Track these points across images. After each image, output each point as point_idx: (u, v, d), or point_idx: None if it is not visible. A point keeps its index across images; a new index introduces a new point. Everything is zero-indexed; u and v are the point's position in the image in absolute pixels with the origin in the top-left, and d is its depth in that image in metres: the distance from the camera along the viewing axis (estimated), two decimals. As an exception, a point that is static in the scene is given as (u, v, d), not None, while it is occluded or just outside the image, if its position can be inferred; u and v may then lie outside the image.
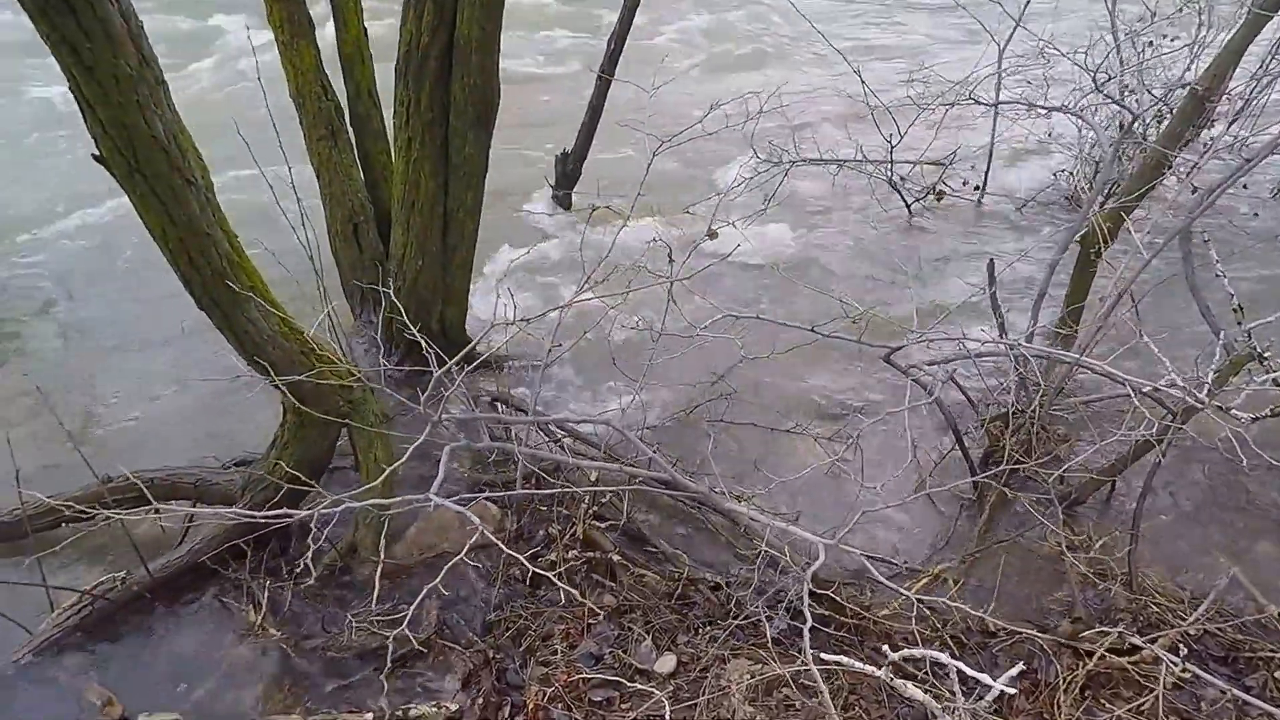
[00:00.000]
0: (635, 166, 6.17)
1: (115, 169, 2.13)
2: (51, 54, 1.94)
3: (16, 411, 3.80)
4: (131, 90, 1.99)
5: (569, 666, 2.70)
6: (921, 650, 2.05)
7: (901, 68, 5.75)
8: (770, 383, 3.91)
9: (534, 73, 8.19)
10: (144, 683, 2.68)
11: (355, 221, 4.14)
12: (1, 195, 5.81)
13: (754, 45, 9.28)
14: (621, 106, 5.11)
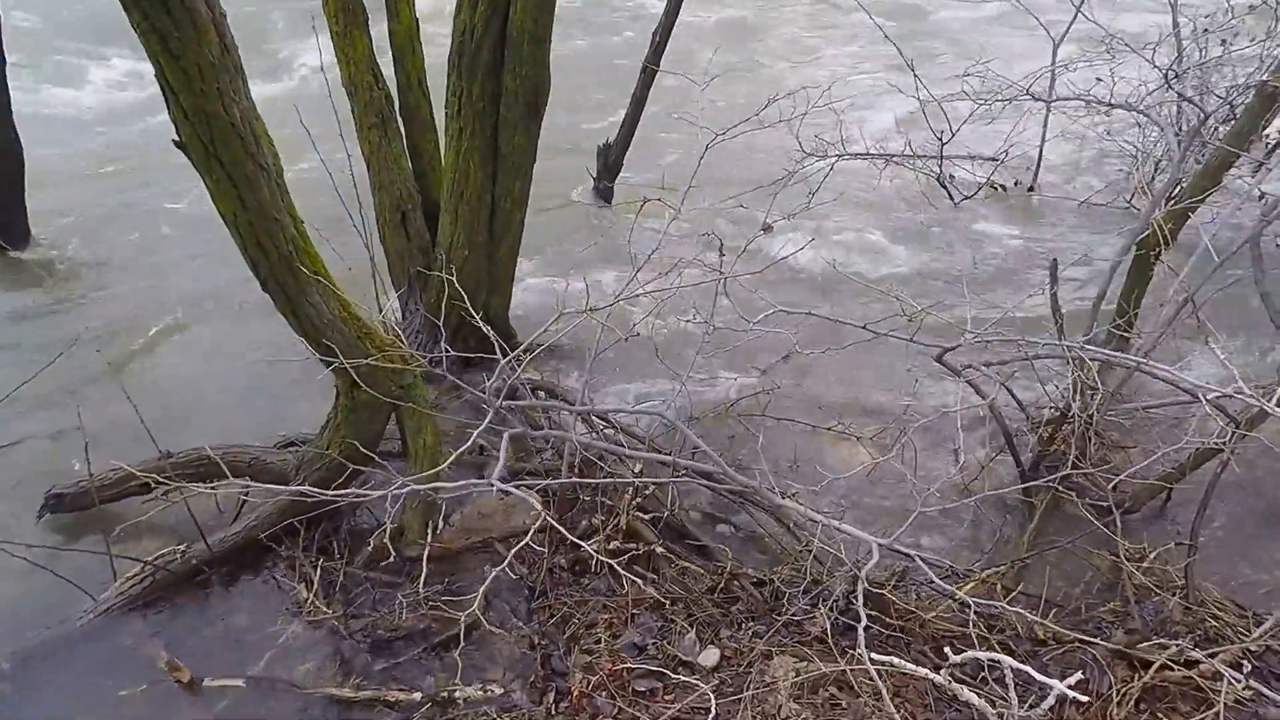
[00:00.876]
0: (676, 158, 6.20)
1: (193, 154, 2.19)
2: (140, 42, 1.99)
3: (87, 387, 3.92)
4: (213, 78, 2.04)
5: (613, 655, 2.73)
6: (987, 654, 2.02)
7: (956, 63, 5.64)
8: (813, 380, 3.89)
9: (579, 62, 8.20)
10: (203, 653, 2.76)
11: (403, 210, 4.18)
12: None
13: (804, 36, 9.18)
14: (666, 98, 5.10)
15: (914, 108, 5.28)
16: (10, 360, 4.05)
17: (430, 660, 2.75)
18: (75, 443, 3.42)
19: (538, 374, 3.97)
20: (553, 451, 3.56)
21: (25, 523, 3.15)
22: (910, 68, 4.80)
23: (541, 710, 2.58)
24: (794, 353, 2.85)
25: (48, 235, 5.01)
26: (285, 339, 4.06)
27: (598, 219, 5.38)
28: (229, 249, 2.53)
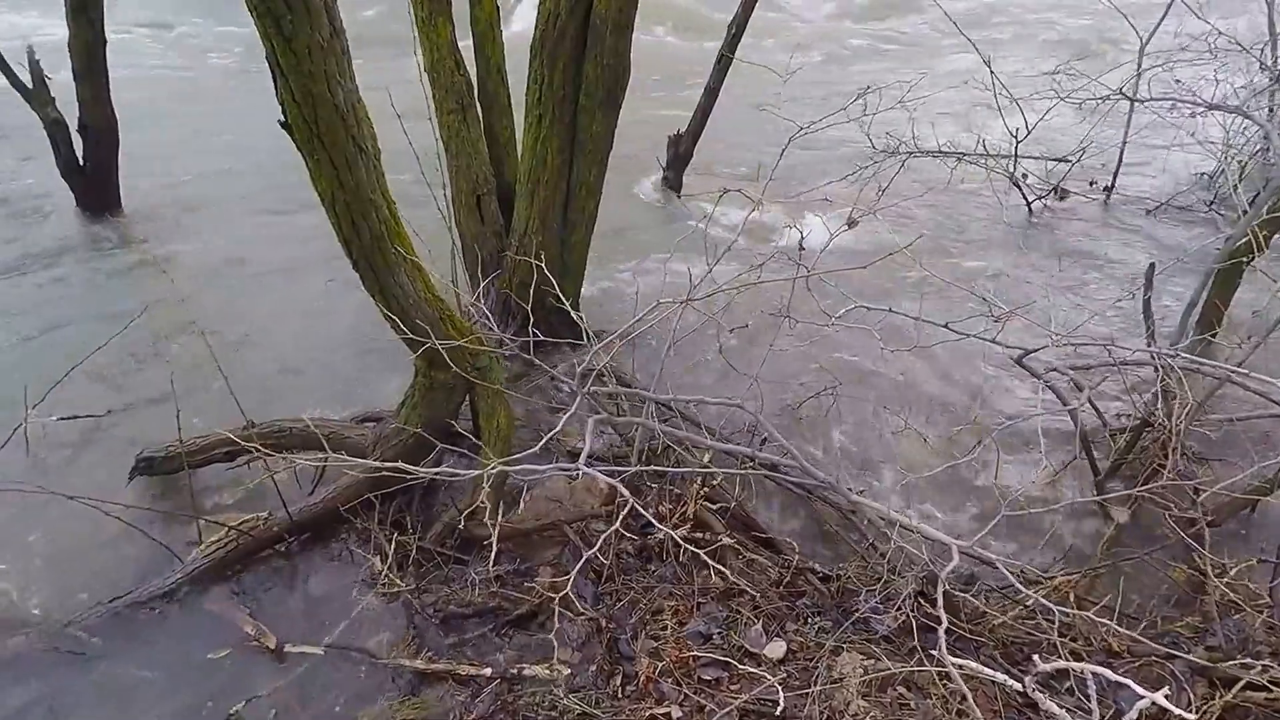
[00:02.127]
0: (747, 151, 6.18)
1: (298, 134, 2.25)
2: (255, 24, 2.05)
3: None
4: (322, 60, 2.10)
5: (678, 643, 2.75)
6: (1080, 665, 1.98)
7: (1036, 60, 5.49)
8: (883, 377, 3.85)
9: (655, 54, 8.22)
10: (282, 619, 2.86)
11: (479, 194, 4.24)
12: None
13: (882, 31, 9.03)
14: (741, 89, 5.07)
15: (989, 105, 5.16)
16: (101, 327, 4.22)
17: (499, 637, 2.81)
18: (162, 408, 3.58)
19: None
20: (621, 439, 3.60)
21: (114, 487, 3.29)
22: (987, 64, 4.69)
23: (608, 692, 2.62)
24: (881, 350, 2.81)
25: (137, 204, 5.21)
26: (365, 316, 4.18)
27: (667, 208, 5.38)
28: (309, 226, 2.60)
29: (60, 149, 4.76)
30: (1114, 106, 5.01)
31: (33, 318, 4.35)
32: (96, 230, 4.99)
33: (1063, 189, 5.56)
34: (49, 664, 2.69)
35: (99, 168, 4.90)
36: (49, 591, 2.98)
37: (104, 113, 4.76)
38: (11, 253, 4.84)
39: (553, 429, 3.46)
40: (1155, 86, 4.72)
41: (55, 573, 3.04)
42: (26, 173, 5.69)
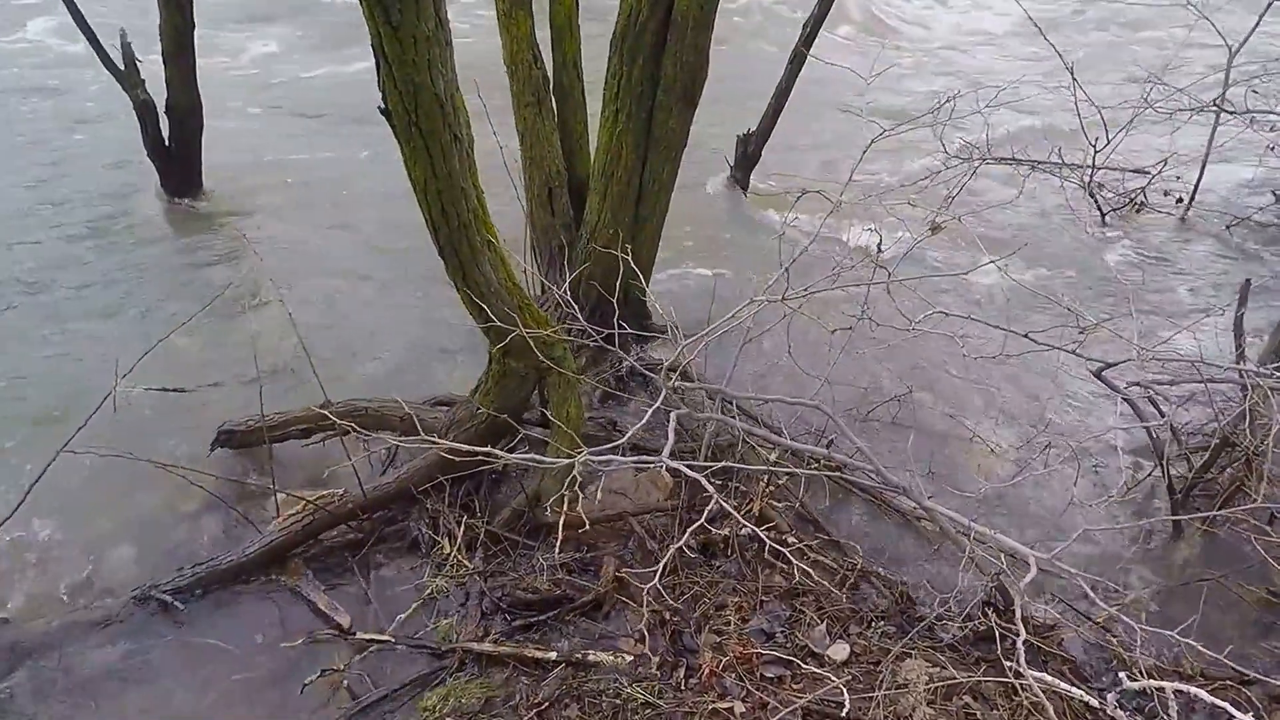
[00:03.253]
0: (815, 152, 6.14)
1: (396, 122, 2.31)
2: (363, 12, 2.11)
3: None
4: (426, 50, 2.15)
5: (742, 639, 2.76)
6: (1169, 684, 1.94)
7: (1121, 68, 5.34)
8: (953, 385, 3.80)
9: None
10: (352, 595, 2.95)
11: (551, 186, 4.30)
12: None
13: (962, 33, 8.89)
14: (812, 90, 5.04)
15: (1069, 112, 5.04)
16: (180, 305, 4.38)
17: (564, 624, 2.85)
18: (241, 384, 3.71)
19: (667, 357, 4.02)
20: (681, 433, 3.62)
21: (194, 459, 3.41)
22: (1070, 71, 4.59)
23: (671, 684, 2.64)
24: (961, 357, 2.78)
25: (219, 187, 5.39)
26: (441, 303, 4.27)
27: (733, 208, 5.38)
28: (387, 211, 2.65)
29: (148, 129, 4.94)
30: (1196, 118, 4.87)
31: (117, 292, 4.53)
32: (178, 210, 5.17)
33: (1139, 201, 5.40)
34: (137, 625, 2.81)
35: (183, 148, 5.08)
36: (134, 554, 3.11)
37: (189, 95, 4.93)
38: (98, 230, 5.04)
39: (615, 420, 3.52)
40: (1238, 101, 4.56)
41: (139, 537, 3.17)
42: (112, 153, 5.92)
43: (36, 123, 6.58)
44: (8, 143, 6.13)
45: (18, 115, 6.69)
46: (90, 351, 4.03)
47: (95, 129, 6.41)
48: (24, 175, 5.69)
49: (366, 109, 6.30)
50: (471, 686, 2.60)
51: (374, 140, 6.24)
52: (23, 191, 5.47)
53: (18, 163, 5.85)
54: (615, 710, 2.55)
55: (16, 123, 6.57)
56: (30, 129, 6.45)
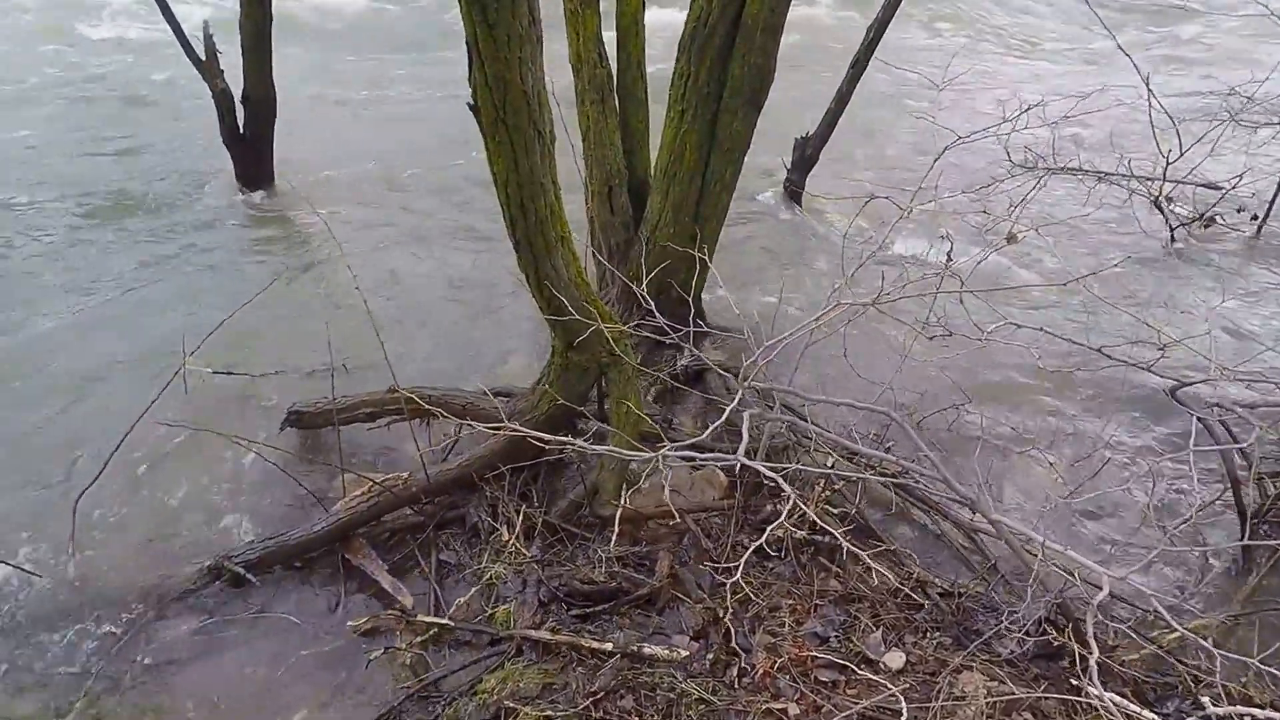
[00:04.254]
0: (874, 157, 6.10)
1: (484, 117, 2.37)
2: (460, 9, 2.17)
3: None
4: (518, 47, 2.20)
5: (796, 641, 2.77)
6: (1258, 711, 1.91)
7: (1198, 78, 5.22)
8: (1013, 397, 3.75)
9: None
10: (414, 579, 3.02)
11: (611, 184, 4.34)
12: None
13: (1030, 40, 8.76)
14: (874, 95, 5.00)
15: (1141, 123, 4.93)
16: (247, 287, 4.52)
17: (619, 617, 2.88)
18: (308, 366, 3.81)
19: (723, 357, 4.04)
20: (730, 431, 3.64)
21: (263, 438, 3.53)
22: (1145, 82, 4.49)
23: (725, 681, 2.66)
24: (1024, 369, 2.75)
25: (288, 175, 5.55)
26: (501, 297, 4.34)
27: (787, 211, 5.37)
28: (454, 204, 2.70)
29: (225, 118, 5.11)
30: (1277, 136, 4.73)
31: (190, 275, 4.69)
32: (250, 198, 5.34)
33: (1210, 216, 5.26)
34: (214, 595, 2.92)
35: (256, 138, 5.24)
36: (204, 524, 3.23)
37: (265, 87, 5.09)
38: (173, 216, 5.23)
39: (671, 419, 3.54)
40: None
41: (209, 508, 3.29)
42: (189, 144, 6.13)
43: (119, 108, 6.83)
44: (92, 129, 6.37)
45: (106, 101, 6.96)
46: (161, 332, 4.18)
47: (171, 116, 6.63)
48: (106, 162, 5.92)
49: (434, 104, 6.41)
50: (530, 672, 2.64)
51: (445, 136, 6.40)
52: (104, 175, 5.68)
53: (102, 148, 6.08)
54: (669, 704, 2.58)
55: (99, 106, 6.83)
56: (111, 114, 6.71)
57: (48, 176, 5.64)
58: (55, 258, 4.77)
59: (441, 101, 7.20)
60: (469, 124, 2.42)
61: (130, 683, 2.68)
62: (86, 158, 5.95)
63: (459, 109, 2.64)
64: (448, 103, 7.10)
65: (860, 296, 2.99)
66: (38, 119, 6.52)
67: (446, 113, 6.85)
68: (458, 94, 7.04)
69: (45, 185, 5.52)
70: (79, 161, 5.87)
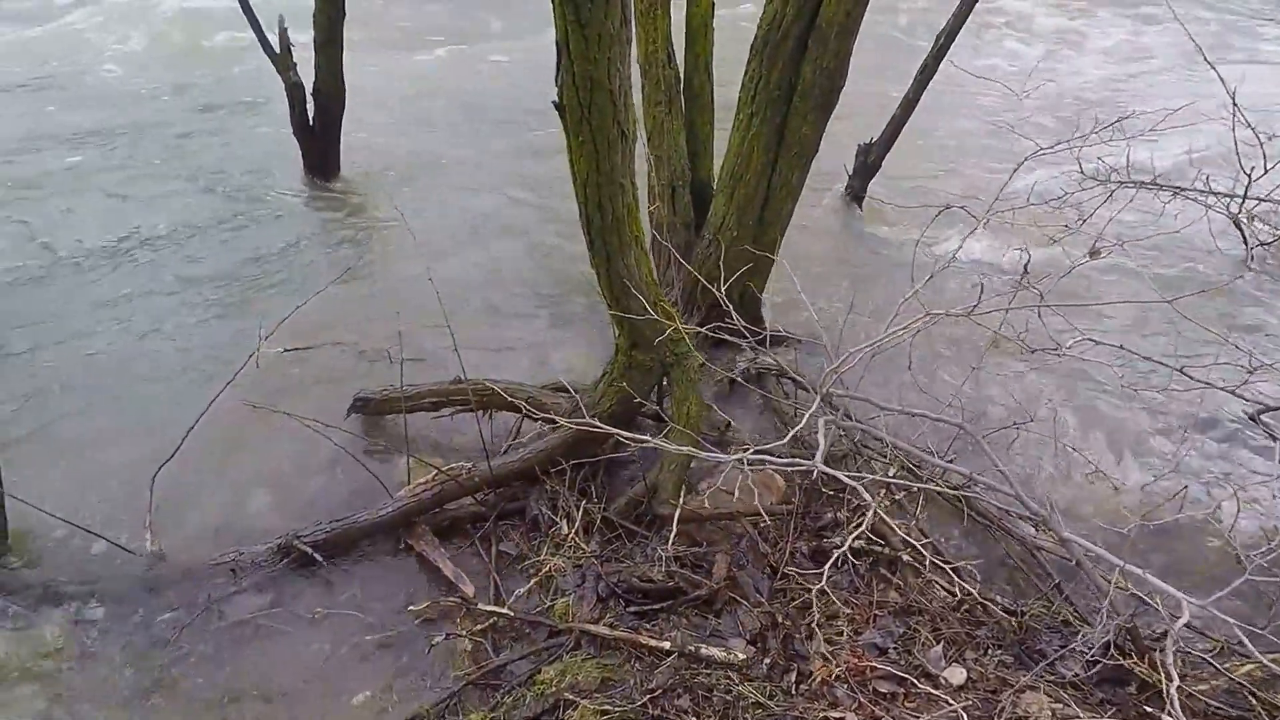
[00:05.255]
0: (937, 166, 6.01)
1: (569, 116, 2.40)
2: (553, 7, 2.20)
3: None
4: (608, 47, 2.22)
5: (854, 650, 2.75)
6: None
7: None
8: (1083, 415, 3.67)
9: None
10: (474, 569, 3.07)
11: (675, 185, 4.35)
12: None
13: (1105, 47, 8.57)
14: (939, 103, 4.93)
15: (1224, 137, 4.79)
16: (316, 275, 4.64)
17: (675, 616, 2.89)
18: (375, 352, 3.89)
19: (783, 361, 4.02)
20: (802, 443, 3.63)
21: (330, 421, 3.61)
22: (1230, 95, 4.36)
23: (782, 687, 2.65)
24: (1123, 386, 2.69)
25: (354, 168, 5.68)
26: (566, 295, 4.38)
27: (849, 217, 5.33)
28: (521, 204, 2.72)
29: (295, 109, 5.24)
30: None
31: (259, 261, 4.81)
32: (317, 189, 5.47)
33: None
34: (281, 574, 3.00)
35: (325, 130, 5.37)
36: (270, 503, 3.32)
37: (335, 80, 5.21)
38: (240, 204, 5.37)
39: (730, 421, 3.54)
40: None
41: (277, 488, 3.38)
42: (257, 136, 6.30)
43: (192, 100, 7.05)
44: (166, 123, 6.57)
45: (176, 94, 7.18)
46: (228, 318, 4.31)
47: (251, 112, 6.81)
48: (179, 155, 6.12)
49: (500, 101, 6.46)
50: (588, 666, 2.67)
51: (509, 132, 6.48)
52: (176, 171, 5.87)
53: (175, 141, 6.28)
54: (726, 707, 2.58)
55: (171, 100, 7.06)
56: (184, 106, 6.92)
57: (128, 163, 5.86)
58: (120, 242, 4.93)
59: (509, 90, 7.29)
60: (527, 116, 2.45)
61: (202, 656, 2.77)
62: (158, 146, 6.14)
63: (520, 98, 2.68)
64: (514, 91, 7.20)
65: (930, 307, 2.97)
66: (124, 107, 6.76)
67: (512, 101, 6.95)
68: (521, 84, 7.16)
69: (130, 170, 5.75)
70: (150, 149, 6.07)
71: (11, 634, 2.83)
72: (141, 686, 2.69)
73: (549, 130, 5.43)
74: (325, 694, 2.70)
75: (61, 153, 6.00)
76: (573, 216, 2.78)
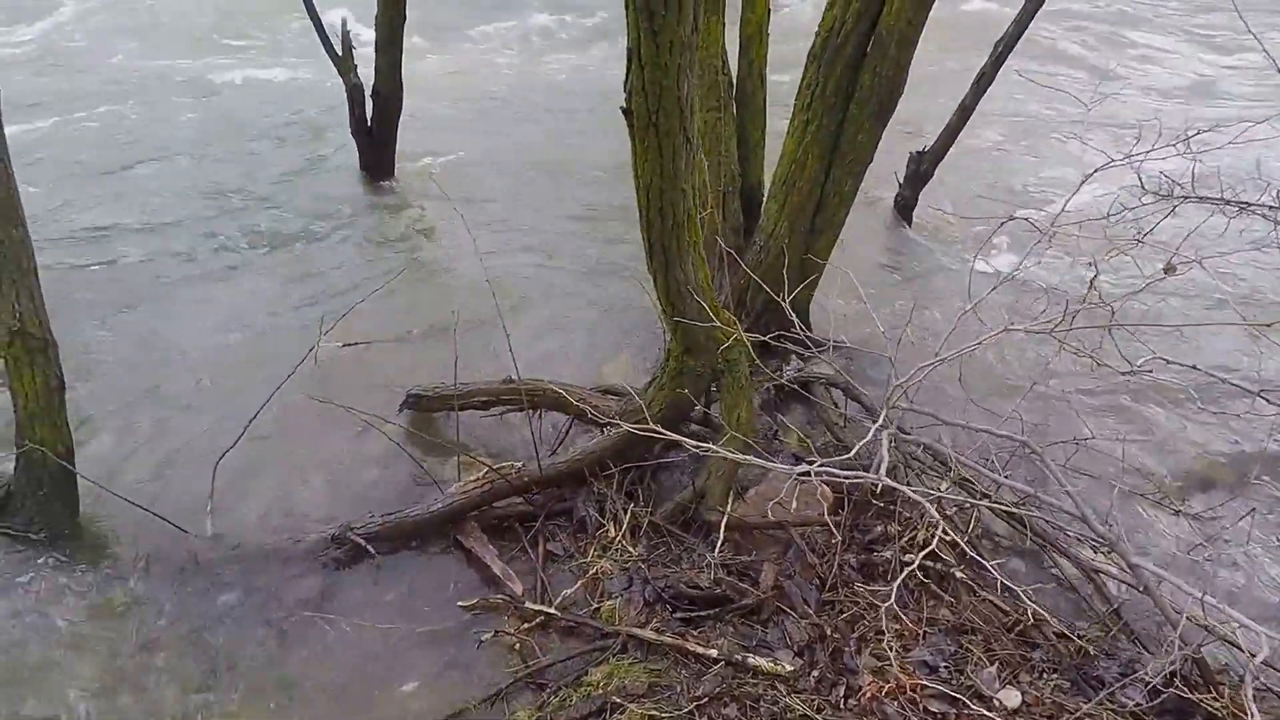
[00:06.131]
0: (988, 178, 5.92)
1: (636, 121, 2.41)
2: (627, 16, 2.21)
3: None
4: (678, 55, 2.23)
5: (904, 667, 2.71)
6: None
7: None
8: (1150, 436, 3.58)
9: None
10: (522, 568, 3.09)
11: (724, 190, 4.34)
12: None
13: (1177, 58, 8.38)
14: (996, 110, 4.85)
15: None
16: (372, 273, 4.72)
17: (722, 624, 2.88)
18: (427, 350, 3.94)
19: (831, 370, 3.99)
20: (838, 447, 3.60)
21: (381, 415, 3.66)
22: (1305, 108, 4.20)
23: (830, 700, 2.63)
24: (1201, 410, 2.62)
25: (409, 168, 5.78)
26: (619, 300, 4.40)
27: (898, 228, 5.27)
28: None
29: (355, 110, 5.35)
30: None
31: (314, 259, 4.92)
32: (373, 186, 5.58)
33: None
34: (335, 562, 3.06)
35: (382, 131, 5.47)
36: (324, 492, 3.39)
37: (394, 82, 5.30)
38: (298, 201, 5.49)
39: (777, 430, 3.51)
40: None
41: (331, 478, 3.45)
42: (319, 138, 6.45)
43: (252, 103, 7.23)
44: (230, 123, 6.74)
45: (242, 95, 7.37)
46: (285, 312, 4.41)
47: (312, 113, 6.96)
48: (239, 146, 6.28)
49: (557, 102, 6.44)
50: (635, 670, 2.67)
51: (567, 134, 6.54)
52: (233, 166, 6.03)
53: (235, 139, 6.43)
54: (773, 717, 2.56)
55: (236, 98, 7.25)
56: (245, 108, 7.10)
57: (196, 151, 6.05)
58: (191, 241, 5.08)
59: (563, 96, 7.35)
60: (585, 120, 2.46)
61: (259, 638, 2.84)
62: (219, 141, 6.31)
63: (579, 102, 2.69)
64: (568, 97, 7.26)
65: (987, 320, 2.92)
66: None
67: (567, 106, 7.01)
68: (575, 90, 7.21)
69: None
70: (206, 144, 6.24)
71: (77, 607, 2.93)
72: (200, 665, 2.76)
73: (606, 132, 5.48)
74: (376, 682, 2.74)
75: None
76: (625, 216, 2.78)
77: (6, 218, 2.89)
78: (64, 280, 4.45)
